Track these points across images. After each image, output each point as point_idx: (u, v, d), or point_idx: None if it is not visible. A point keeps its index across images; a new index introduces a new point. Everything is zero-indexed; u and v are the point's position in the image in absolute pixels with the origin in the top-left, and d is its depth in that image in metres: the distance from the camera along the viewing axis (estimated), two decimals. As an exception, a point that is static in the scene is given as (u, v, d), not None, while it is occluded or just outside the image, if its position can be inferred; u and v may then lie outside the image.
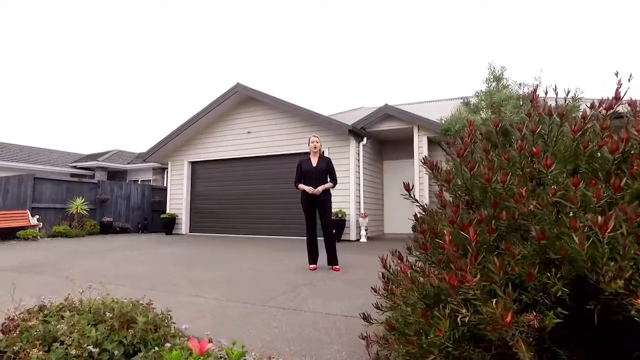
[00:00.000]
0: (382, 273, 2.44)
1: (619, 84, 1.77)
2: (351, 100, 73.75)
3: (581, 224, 1.26)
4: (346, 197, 9.42)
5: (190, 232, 11.70)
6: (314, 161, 5.05)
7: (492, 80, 3.53)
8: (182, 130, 11.23)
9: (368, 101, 37.95)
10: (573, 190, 1.47)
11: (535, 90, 2.04)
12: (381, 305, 2.35)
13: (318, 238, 5.00)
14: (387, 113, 9.95)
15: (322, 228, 4.92)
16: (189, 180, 11.86)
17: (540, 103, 2.25)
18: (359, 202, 9.73)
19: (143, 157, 12.27)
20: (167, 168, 16.55)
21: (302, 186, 4.94)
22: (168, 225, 11.58)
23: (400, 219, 11.32)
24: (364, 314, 2.30)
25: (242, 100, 10.90)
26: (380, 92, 65.55)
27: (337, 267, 4.82)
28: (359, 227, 9.47)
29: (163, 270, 5.05)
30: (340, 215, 9.06)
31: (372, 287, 2.47)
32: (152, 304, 1.88)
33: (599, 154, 1.59)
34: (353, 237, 9.35)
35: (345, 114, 15.40)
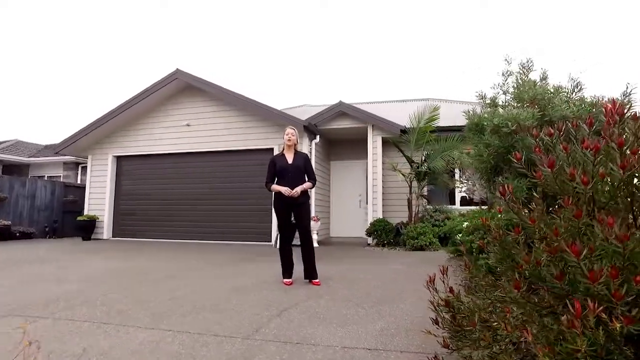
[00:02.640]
0: (446, 301, 1.89)
1: None
2: (291, 97, 72.03)
3: None
4: (299, 199, 8.77)
5: (113, 236, 10.14)
6: (290, 158, 4.36)
7: (508, 74, 3.21)
8: (107, 120, 9.67)
9: (309, 99, 37.27)
10: None
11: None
12: (447, 342, 1.80)
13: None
14: (341, 111, 9.52)
15: (299, 236, 4.26)
16: (114, 177, 10.28)
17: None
18: (311, 205, 9.15)
19: (55, 149, 10.38)
20: (82, 163, 14.45)
21: (276, 187, 4.22)
22: (86, 229, 9.92)
23: (346, 222, 10.97)
24: (435, 356, 1.72)
25: (182, 88, 9.70)
26: (323, 91, 64.61)
27: (317, 281, 4.18)
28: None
29: (98, 290, 3.97)
30: (292, 219, 8.40)
31: (431, 319, 1.91)
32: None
33: None
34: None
35: (288, 110, 14.73)
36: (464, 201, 9.67)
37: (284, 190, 4.13)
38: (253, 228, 9.05)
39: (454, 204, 9.80)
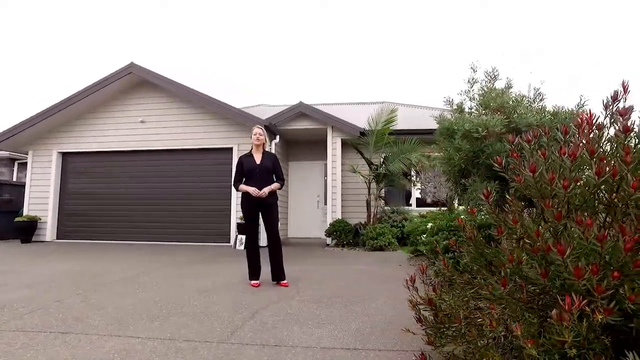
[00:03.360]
0: (430, 299, 1.95)
1: None
2: (247, 97, 70.32)
3: None
4: (260, 200, 8.66)
5: (58, 238, 9.42)
6: (258, 158, 4.30)
7: (474, 81, 3.39)
8: (52, 113, 8.95)
9: (266, 99, 36.67)
10: None
11: None
12: (432, 340, 1.86)
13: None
14: (301, 111, 9.50)
15: (268, 237, 4.22)
16: (59, 175, 9.55)
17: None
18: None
19: (-11, 143, 9.47)
20: (20, 159, 13.32)
21: (244, 187, 4.14)
22: (25, 231, 9.13)
23: (304, 223, 10.98)
24: (422, 353, 1.77)
25: (137, 83, 9.23)
26: (280, 91, 63.31)
27: (285, 282, 4.16)
28: (270, 232, 8.79)
29: (48, 296, 3.68)
30: (253, 219, 8.29)
31: (415, 317, 1.96)
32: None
33: None
34: (263, 242, 8.64)
35: (246, 110, 14.46)
36: (420, 202, 10.03)
37: (252, 190, 4.07)
38: (211, 229, 8.81)
39: (410, 205, 10.14)
